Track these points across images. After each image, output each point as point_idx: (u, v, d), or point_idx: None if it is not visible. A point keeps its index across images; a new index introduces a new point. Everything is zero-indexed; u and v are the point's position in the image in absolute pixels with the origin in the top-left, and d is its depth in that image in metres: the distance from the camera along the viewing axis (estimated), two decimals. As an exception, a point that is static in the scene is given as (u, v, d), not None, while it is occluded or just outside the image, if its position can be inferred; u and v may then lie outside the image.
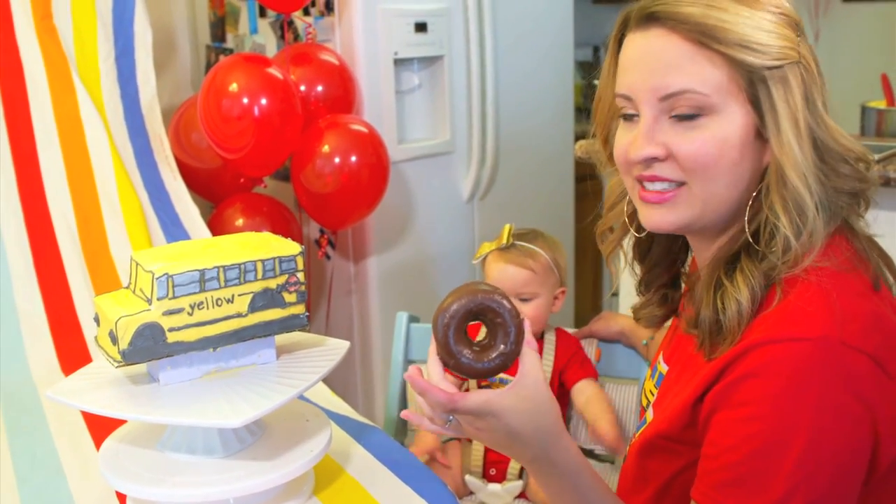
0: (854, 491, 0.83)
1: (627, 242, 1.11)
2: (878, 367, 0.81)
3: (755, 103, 0.88)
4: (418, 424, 0.93)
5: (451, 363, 0.89)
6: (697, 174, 0.89)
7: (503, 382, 1.25)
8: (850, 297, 0.84)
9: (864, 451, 0.82)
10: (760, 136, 0.89)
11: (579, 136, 2.70)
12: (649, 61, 0.90)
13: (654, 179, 0.91)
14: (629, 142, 0.92)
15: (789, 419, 0.80)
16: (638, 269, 1.12)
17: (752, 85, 0.87)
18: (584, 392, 1.51)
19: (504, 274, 1.45)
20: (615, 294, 2.79)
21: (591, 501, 0.93)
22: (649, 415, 1.03)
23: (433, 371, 0.91)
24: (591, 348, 1.58)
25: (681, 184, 0.91)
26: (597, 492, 0.93)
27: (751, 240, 0.89)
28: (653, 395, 1.08)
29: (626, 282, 1.21)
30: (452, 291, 0.90)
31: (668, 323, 1.15)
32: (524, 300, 1.49)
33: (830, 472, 0.80)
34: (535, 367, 0.90)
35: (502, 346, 0.88)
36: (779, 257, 0.86)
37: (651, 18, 0.90)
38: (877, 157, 1.81)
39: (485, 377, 0.91)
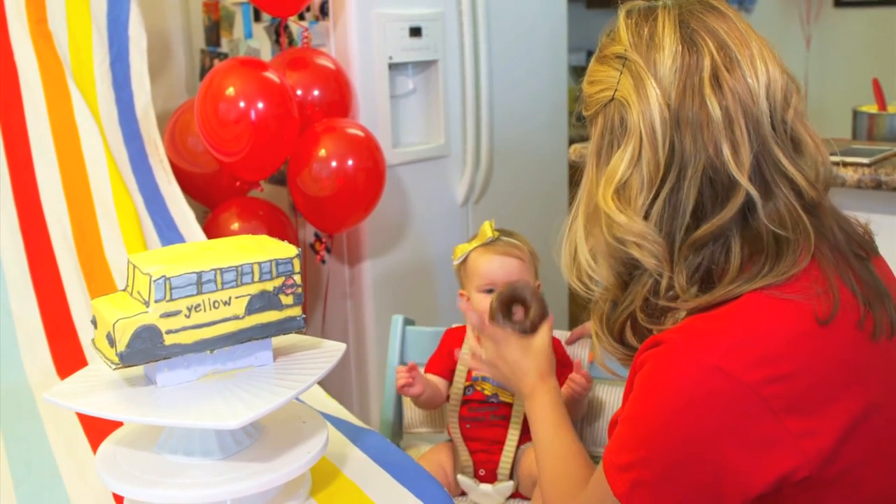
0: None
1: None
2: (760, 400, 0.81)
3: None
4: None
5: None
6: None
7: (485, 380, 1.49)
8: (771, 325, 0.84)
9: (712, 477, 0.82)
10: None
11: (573, 140, 2.71)
12: None
13: None
14: None
15: (646, 408, 0.86)
16: None
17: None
18: None
19: (493, 265, 1.44)
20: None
21: (545, 424, 1.19)
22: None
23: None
24: (584, 350, 1.59)
25: None
26: (556, 423, 1.19)
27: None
28: None
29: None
30: (504, 284, 1.38)
31: None
32: None
33: (670, 483, 0.84)
34: (544, 331, 1.30)
35: (528, 320, 1.32)
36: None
37: None
38: (868, 160, 1.83)
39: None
